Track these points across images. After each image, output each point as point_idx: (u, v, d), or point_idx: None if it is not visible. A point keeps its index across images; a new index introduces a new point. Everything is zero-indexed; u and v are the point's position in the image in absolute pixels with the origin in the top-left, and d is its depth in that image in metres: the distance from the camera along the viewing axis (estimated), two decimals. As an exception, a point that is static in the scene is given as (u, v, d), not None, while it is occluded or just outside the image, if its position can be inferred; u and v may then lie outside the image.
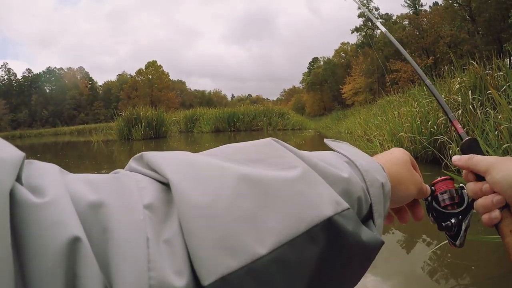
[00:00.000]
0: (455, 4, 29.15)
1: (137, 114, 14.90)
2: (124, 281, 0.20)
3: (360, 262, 0.31)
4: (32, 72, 66.57)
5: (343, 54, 49.56)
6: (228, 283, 0.21)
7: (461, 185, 0.58)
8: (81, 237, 0.20)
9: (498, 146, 2.85)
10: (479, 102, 4.15)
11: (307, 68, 58.22)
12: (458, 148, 3.70)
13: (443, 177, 0.57)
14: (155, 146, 11.60)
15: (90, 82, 67.78)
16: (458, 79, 4.86)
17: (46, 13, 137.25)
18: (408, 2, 36.64)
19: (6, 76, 65.17)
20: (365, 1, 39.76)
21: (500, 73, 4.26)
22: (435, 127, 4.62)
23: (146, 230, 0.22)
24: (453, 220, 0.55)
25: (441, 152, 4.11)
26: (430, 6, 35.74)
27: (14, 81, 65.50)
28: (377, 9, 40.18)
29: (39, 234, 0.19)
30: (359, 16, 40.25)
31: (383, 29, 1.04)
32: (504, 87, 3.36)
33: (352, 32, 41.46)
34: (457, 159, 0.57)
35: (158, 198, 0.24)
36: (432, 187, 0.57)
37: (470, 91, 4.35)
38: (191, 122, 22.49)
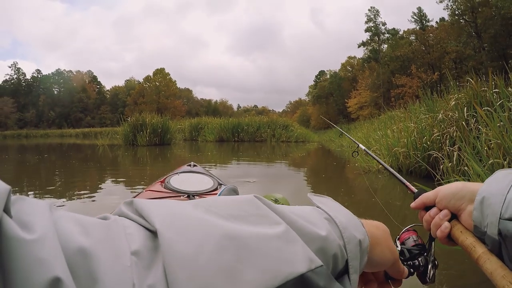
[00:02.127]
0: (461, 20, 29.32)
1: (142, 120, 15.07)
2: None
3: None
4: (41, 73, 67.44)
5: (349, 68, 49.82)
6: None
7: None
8: (63, 279, 0.20)
9: (486, 162, 2.93)
10: (474, 119, 4.23)
11: (314, 81, 58.60)
12: (450, 164, 3.79)
13: (406, 228, 0.66)
14: (159, 153, 11.73)
15: (98, 86, 68.46)
16: (456, 95, 4.96)
17: (55, 18, 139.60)
18: (415, 17, 36.93)
19: (15, 76, 65.87)
20: (372, 16, 40.13)
21: (496, 90, 4.35)
22: (428, 142, 4.71)
23: (132, 276, 0.23)
24: (420, 259, 0.61)
25: (435, 168, 4.18)
26: (437, 22, 35.98)
27: (23, 80, 66.18)
28: (384, 24, 40.41)
29: (24, 269, 0.20)
30: (366, 30, 40.58)
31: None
32: (495, 106, 3.45)
33: (359, 46, 41.75)
34: (413, 203, 0.67)
35: (145, 245, 0.26)
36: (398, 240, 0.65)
37: (465, 108, 4.43)
38: (196, 131, 22.65)
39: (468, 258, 0.56)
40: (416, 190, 0.71)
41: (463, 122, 4.23)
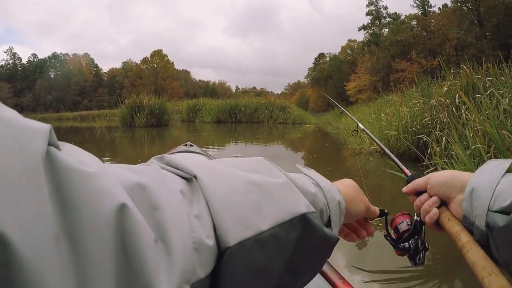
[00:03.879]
0: (463, 7, 28.94)
1: (140, 102, 15.08)
2: (177, 237, 0.26)
3: (321, 250, 0.42)
4: (38, 57, 66.34)
5: (349, 51, 49.38)
6: (243, 246, 0.31)
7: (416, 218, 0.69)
8: (128, 204, 0.23)
9: (471, 147, 3.03)
10: (465, 106, 4.31)
11: (313, 63, 58.15)
12: (438, 148, 3.90)
13: (401, 212, 0.71)
14: (156, 134, 11.81)
15: (95, 69, 67.54)
16: (449, 82, 5.03)
17: (49, 2, 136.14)
18: (417, 2, 36.42)
19: (11, 61, 64.80)
20: (373, 0, 39.58)
21: (489, 78, 4.42)
22: (418, 127, 4.80)
23: (186, 207, 0.29)
24: (410, 241, 0.66)
25: (424, 152, 4.28)
26: (439, 8, 35.47)
27: (19, 65, 65.24)
28: (385, 8, 39.85)
29: (89, 199, 0.22)
30: (367, 14, 40.10)
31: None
32: (483, 96, 3.53)
33: (359, 30, 41.29)
34: (405, 188, 0.70)
35: (184, 186, 0.32)
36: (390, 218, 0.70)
37: (457, 95, 4.51)
38: (193, 112, 22.66)
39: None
40: (410, 174, 0.76)
41: (453, 108, 4.31)
